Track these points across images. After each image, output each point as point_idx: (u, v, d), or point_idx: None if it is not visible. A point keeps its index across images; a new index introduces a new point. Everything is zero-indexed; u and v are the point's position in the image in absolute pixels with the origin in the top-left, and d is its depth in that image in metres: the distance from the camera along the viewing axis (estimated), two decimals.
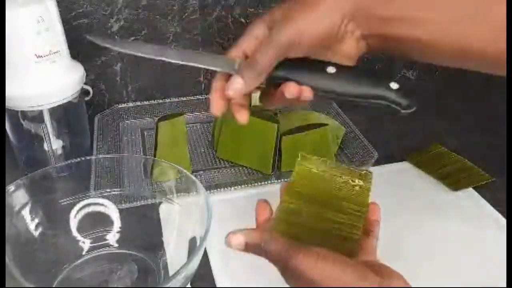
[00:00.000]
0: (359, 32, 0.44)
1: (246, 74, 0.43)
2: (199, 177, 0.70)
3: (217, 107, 0.45)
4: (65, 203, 0.58)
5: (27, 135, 0.71)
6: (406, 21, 0.42)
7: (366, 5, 0.43)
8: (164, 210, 0.59)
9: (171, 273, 0.53)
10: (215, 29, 0.87)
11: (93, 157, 0.65)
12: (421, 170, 0.73)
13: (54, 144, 0.70)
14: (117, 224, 0.59)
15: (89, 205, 0.58)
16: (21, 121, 0.69)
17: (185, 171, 0.56)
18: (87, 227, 0.58)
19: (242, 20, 0.87)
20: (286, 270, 0.39)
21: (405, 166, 0.75)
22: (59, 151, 0.71)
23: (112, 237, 0.59)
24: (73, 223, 0.57)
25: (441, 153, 0.75)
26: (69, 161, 0.60)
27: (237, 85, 0.43)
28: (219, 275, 0.54)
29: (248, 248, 0.41)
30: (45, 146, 0.69)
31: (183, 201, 0.57)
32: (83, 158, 0.60)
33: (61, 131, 0.72)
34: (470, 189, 0.69)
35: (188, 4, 0.84)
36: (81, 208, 0.58)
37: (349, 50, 0.44)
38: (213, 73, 0.46)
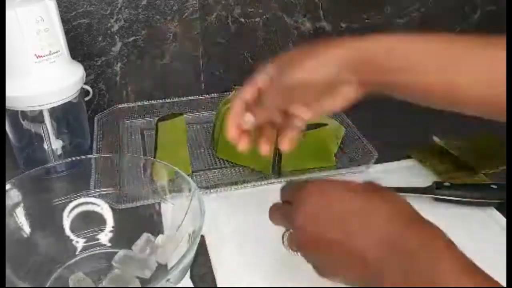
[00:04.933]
0: (358, 79, 0.47)
1: (257, 109, 0.51)
2: (199, 177, 0.70)
3: (231, 133, 0.52)
4: (59, 202, 0.58)
5: (27, 135, 0.71)
6: (405, 71, 0.45)
7: (366, 56, 0.46)
8: (163, 209, 0.59)
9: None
10: (215, 29, 0.87)
11: (93, 157, 0.65)
12: (421, 165, 0.73)
13: (54, 144, 0.70)
14: (110, 223, 0.59)
15: (82, 204, 0.59)
16: (21, 121, 0.69)
17: (180, 171, 0.56)
18: (80, 226, 0.58)
19: (242, 20, 0.87)
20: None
21: (406, 162, 0.75)
22: (59, 151, 0.71)
23: (105, 237, 0.59)
24: (66, 222, 0.57)
25: (443, 150, 0.75)
26: (68, 159, 0.61)
27: (249, 119, 0.51)
28: (220, 275, 0.54)
29: None
30: (45, 146, 0.69)
31: (182, 201, 0.57)
32: (83, 157, 0.60)
33: (61, 131, 0.72)
34: None
35: (188, 4, 0.84)
36: (74, 208, 0.58)
37: (347, 95, 0.49)
38: (212, 74, 0.46)
